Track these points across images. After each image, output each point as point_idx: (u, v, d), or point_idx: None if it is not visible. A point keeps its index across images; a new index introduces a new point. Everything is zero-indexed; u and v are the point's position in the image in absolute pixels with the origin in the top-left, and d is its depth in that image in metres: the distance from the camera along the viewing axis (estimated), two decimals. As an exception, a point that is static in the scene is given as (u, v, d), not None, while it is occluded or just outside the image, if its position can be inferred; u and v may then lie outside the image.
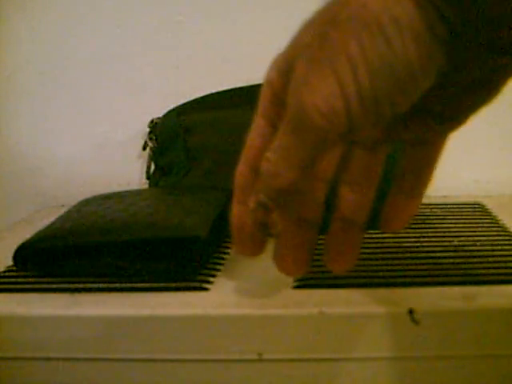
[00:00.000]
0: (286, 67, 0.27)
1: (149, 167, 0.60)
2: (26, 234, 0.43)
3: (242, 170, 0.30)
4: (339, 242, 0.32)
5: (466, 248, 0.43)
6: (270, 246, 0.48)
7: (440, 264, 0.40)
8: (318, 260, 0.42)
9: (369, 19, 0.23)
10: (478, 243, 0.44)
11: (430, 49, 0.23)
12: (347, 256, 0.32)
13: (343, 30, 0.23)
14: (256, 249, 0.31)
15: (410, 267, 0.39)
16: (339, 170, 0.31)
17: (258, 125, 0.29)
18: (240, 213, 0.30)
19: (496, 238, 0.45)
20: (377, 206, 0.49)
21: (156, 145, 0.57)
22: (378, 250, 0.43)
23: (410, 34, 0.23)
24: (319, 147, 0.25)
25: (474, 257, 0.41)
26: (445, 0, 0.22)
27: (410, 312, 0.33)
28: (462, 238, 0.45)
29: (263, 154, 0.28)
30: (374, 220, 0.49)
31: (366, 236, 0.47)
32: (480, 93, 0.27)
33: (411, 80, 0.24)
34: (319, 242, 0.44)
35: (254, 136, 0.30)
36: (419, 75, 0.24)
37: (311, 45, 0.24)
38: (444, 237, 0.46)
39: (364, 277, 0.38)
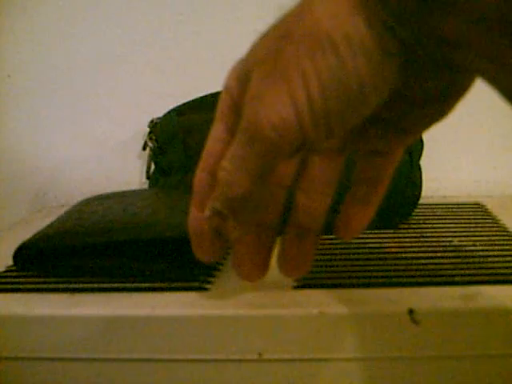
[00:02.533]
0: (244, 77, 0.27)
1: (149, 167, 0.59)
2: (26, 234, 0.43)
3: (200, 175, 0.31)
4: (294, 249, 0.32)
5: (465, 248, 0.43)
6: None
7: (440, 264, 0.40)
8: (318, 260, 0.42)
9: (321, 36, 0.23)
10: (478, 243, 0.44)
11: (381, 66, 0.24)
12: (301, 262, 0.33)
13: (297, 46, 0.24)
14: (214, 254, 0.32)
15: (410, 267, 0.39)
16: (296, 176, 0.31)
17: (217, 130, 0.30)
18: (197, 218, 0.31)
19: (496, 238, 0.45)
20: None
21: (156, 145, 0.57)
22: (378, 250, 0.43)
23: (362, 51, 0.23)
24: (273, 158, 0.26)
25: (474, 257, 0.41)
26: (397, 20, 0.22)
27: (410, 312, 0.33)
28: (462, 238, 0.45)
29: (221, 161, 0.28)
30: (374, 220, 0.49)
31: (365, 236, 0.47)
32: (434, 107, 0.28)
33: (362, 96, 0.24)
34: (320, 242, 0.44)
35: (212, 142, 0.30)
36: (370, 91, 0.24)
37: (266, 59, 0.25)
38: (444, 237, 0.46)
39: (364, 277, 0.38)
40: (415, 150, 0.51)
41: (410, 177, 0.50)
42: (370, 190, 0.33)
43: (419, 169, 0.51)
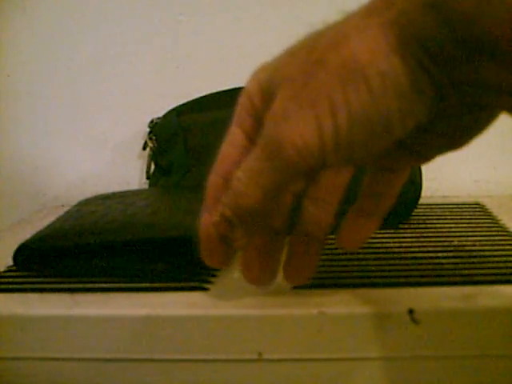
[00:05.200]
0: (268, 86, 0.27)
1: (149, 167, 0.60)
2: (26, 233, 0.43)
3: (214, 179, 0.31)
4: (298, 255, 0.32)
5: (465, 248, 0.43)
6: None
7: (440, 264, 0.40)
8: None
9: (356, 70, 0.23)
10: (478, 243, 0.44)
11: (412, 104, 0.24)
12: (304, 269, 0.32)
13: (331, 74, 0.24)
14: (222, 261, 0.31)
15: (410, 267, 0.39)
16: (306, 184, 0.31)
17: (234, 135, 0.30)
18: (208, 223, 0.30)
19: (496, 237, 0.45)
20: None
21: (156, 145, 0.57)
22: (378, 250, 0.43)
23: (394, 89, 0.23)
24: (290, 177, 0.26)
25: (474, 257, 0.41)
26: (434, 62, 0.23)
27: (410, 312, 0.33)
28: (462, 238, 0.45)
29: (236, 166, 0.28)
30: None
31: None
32: (455, 139, 0.28)
33: (388, 132, 0.25)
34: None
35: (228, 146, 0.30)
36: (397, 126, 0.25)
37: (296, 79, 0.25)
38: (444, 237, 0.46)
39: (364, 277, 0.38)
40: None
41: (410, 177, 0.50)
42: (377, 203, 0.32)
43: (419, 169, 0.51)
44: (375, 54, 0.23)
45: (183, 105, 0.58)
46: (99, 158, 0.68)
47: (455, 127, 0.27)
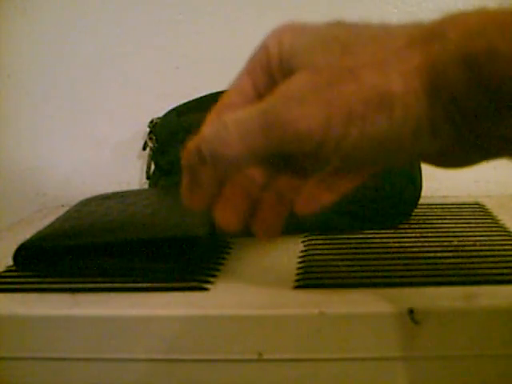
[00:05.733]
0: (289, 58, 0.27)
1: (149, 167, 0.60)
2: (26, 234, 0.43)
3: (211, 119, 0.30)
4: (267, 209, 0.32)
5: (466, 248, 0.43)
6: (266, 246, 0.48)
7: (440, 264, 0.40)
8: (318, 260, 0.42)
9: (385, 96, 0.24)
10: (478, 243, 0.44)
11: (425, 144, 0.25)
12: (274, 225, 0.32)
13: (359, 90, 0.24)
14: (196, 198, 0.30)
15: (410, 267, 0.39)
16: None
17: (242, 82, 0.29)
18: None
19: (496, 238, 0.45)
20: (376, 206, 0.49)
21: (156, 145, 0.57)
22: (378, 250, 0.43)
23: (413, 128, 0.24)
24: (278, 151, 0.27)
25: (474, 257, 0.41)
26: (460, 113, 0.23)
27: (410, 312, 0.33)
28: (462, 238, 0.45)
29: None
30: (374, 220, 0.49)
31: (366, 236, 0.47)
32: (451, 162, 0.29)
33: (392, 157, 0.26)
34: (320, 242, 0.45)
35: (234, 92, 0.30)
36: (402, 156, 0.26)
37: (322, 75, 0.25)
38: (444, 237, 0.46)
39: (364, 277, 0.38)
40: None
41: (410, 177, 0.50)
42: (342, 182, 0.32)
43: (419, 169, 0.51)
44: (408, 89, 0.24)
45: (183, 105, 0.58)
46: (99, 158, 0.68)
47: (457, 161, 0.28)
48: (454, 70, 0.23)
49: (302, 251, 0.45)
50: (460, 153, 0.26)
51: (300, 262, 0.42)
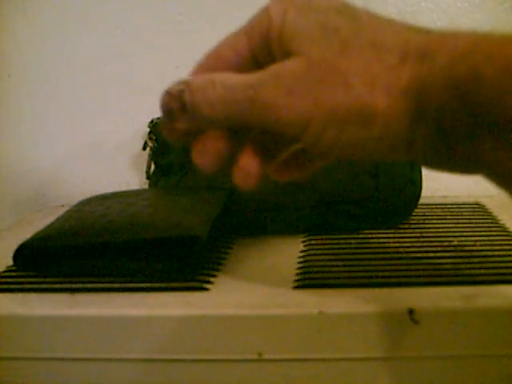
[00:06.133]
0: (290, 37, 0.27)
1: (149, 167, 0.59)
2: (26, 234, 0.43)
3: (198, 69, 0.31)
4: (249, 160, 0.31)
5: (465, 248, 0.43)
6: (266, 246, 0.48)
7: (440, 264, 0.40)
8: (318, 260, 0.42)
9: (368, 111, 0.25)
10: (478, 243, 0.44)
11: (398, 156, 0.26)
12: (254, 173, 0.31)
13: (346, 95, 0.25)
14: (173, 133, 0.31)
15: (410, 267, 0.39)
16: None
17: (237, 39, 0.30)
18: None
19: (496, 237, 0.45)
20: (376, 206, 0.49)
21: (156, 145, 0.57)
22: (378, 250, 0.43)
23: (389, 143, 0.25)
24: (255, 126, 0.28)
25: (474, 257, 0.41)
26: (441, 135, 0.24)
27: (410, 312, 0.33)
28: (462, 238, 0.45)
29: (226, 68, 0.29)
30: (374, 220, 0.49)
31: (365, 236, 0.47)
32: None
33: (364, 159, 0.27)
34: (320, 242, 0.45)
35: (226, 46, 0.30)
36: (374, 158, 0.27)
37: (317, 65, 0.26)
38: (444, 237, 0.46)
39: (364, 277, 0.38)
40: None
41: (410, 177, 0.50)
42: (315, 161, 0.32)
43: (419, 169, 0.51)
44: (391, 110, 0.24)
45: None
46: (99, 158, 0.68)
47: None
48: (440, 95, 0.23)
49: (301, 251, 0.45)
50: (437, 166, 0.27)
51: (300, 262, 0.42)
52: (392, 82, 0.24)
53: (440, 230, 0.48)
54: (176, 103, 0.29)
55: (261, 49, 0.28)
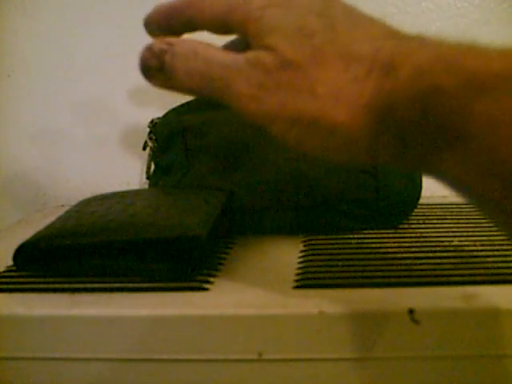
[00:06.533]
0: (269, 25, 0.27)
1: (149, 167, 0.59)
2: (26, 234, 0.43)
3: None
4: None
5: (465, 248, 0.43)
6: (266, 246, 0.48)
7: (440, 264, 0.40)
8: (318, 260, 0.42)
9: (329, 123, 0.25)
10: (478, 243, 0.44)
11: (359, 163, 0.29)
12: None
13: (311, 103, 0.26)
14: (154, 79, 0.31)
15: (410, 267, 0.39)
16: None
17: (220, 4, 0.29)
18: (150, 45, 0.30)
19: (496, 237, 0.45)
20: (376, 206, 0.49)
21: (156, 145, 0.57)
22: (378, 250, 0.43)
23: (348, 155, 0.26)
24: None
25: (474, 257, 0.41)
26: (402, 147, 0.25)
27: (410, 312, 0.33)
28: (462, 238, 0.45)
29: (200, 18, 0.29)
30: (374, 220, 0.49)
31: (366, 236, 0.47)
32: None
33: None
34: (320, 242, 0.45)
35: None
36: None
37: (288, 67, 0.26)
38: (444, 237, 0.46)
39: (364, 277, 0.38)
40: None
41: (410, 177, 0.50)
42: None
43: (419, 169, 0.51)
44: (352, 125, 0.25)
45: (183, 105, 0.58)
46: (99, 158, 0.68)
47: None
48: (402, 109, 0.24)
49: (301, 251, 0.45)
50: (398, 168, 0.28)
51: (300, 262, 0.42)
52: (355, 95, 0.25)
53: (440, 229, 0.48)
54: (155, 62, 0.29)
55: (237, 29, 0.29)
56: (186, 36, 0.31)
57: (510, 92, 0.21)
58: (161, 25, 0.31)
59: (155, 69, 0.29)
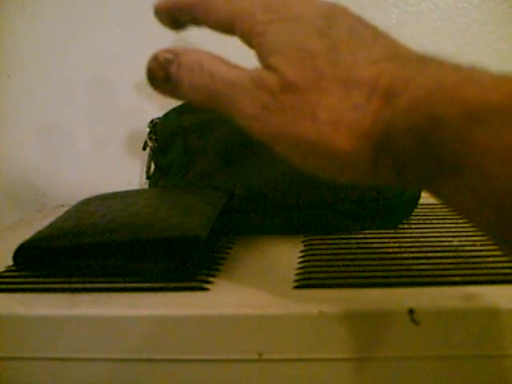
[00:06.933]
0: (271, 45, 0.27)
1: (149, 167, 0.59)
2: (26, 234, 0.43)
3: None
4: None
5: (465, 248, 0.43)
6: (266, 246, 0.48)
7: (440, 264, 0.40)
8: (318, 260, 0.42)
9: (329, 149, 0.26)
10: (478, 243, 0.44)
11: (359, 183, 0.28)
12: None
13: (312, 128, 0.26)
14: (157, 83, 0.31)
15: (410, 267, 0.39)
16: None
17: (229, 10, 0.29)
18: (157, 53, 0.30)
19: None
20: (376, 206, 0.49)
21: (156, 145, 0.57)
22: (378, 250, 0.43)
23: (349, 178, 0.27)
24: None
25: (474, 257, 0.41)
26: (402, 175, 0.25)
27: (410, 312, 0.33)
28: (462, 238, 0.45)
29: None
30: (374, 220, 0.49)
31: (366, 236, 0.47)
32: None
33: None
34: (320, 242, 0.45)
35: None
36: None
37: (289, 90, 0.26)
38: (444, 237, 0.46)
39: (364, 277, 0.38)
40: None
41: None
42: None
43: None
44: (352, 149, 0.25)
45: (183, 105, 0.58)
46: (99, 158, 0.68)
47: None
48: (401, 137, 0.24)
49: (301, 251, 0.45)
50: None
51: (300, 262, 0.42)
52: (356, 123, 0.25)
53: (440, 229, 0.48)
54: (161, 73, 0.29)
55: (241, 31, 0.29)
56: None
57: (506, 124, 0.20)
58: (168, 15, 0.32)
59: (161, 79, 0.30)
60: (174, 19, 0.32)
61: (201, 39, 0.65)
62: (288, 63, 0.26)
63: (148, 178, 0.59)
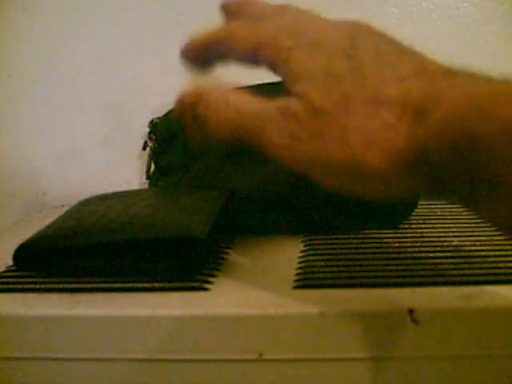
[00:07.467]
0: (295, 71, 0.27)
1: (149, 167, 0.59)
2: (26, 234, 0.43)
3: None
4: None
5: (465, 248, 0.43)
6: (266, 246, 0.48)
7: (440, 264, 0.40)
8: (318, 260, 0.42)
9: (362, 169, 0.25)
10: (478, 243, 0.44)
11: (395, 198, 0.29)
12: None
13: (342, 150, 0.25)
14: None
15: (410, 267, 0.39)
16: None
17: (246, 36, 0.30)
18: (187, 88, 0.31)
19: (496, 237, 0.45)
20: (376, 206, 0.49)
21: (156, 145, 0.57)
22: (378, 250, 0.43)
23: (386, 195, 0.27)
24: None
25: (474, 257, 0.41)
26: (436, 191, 0.25)
27: (410, 312, 0.33)
28: (462, 238, 0.45)
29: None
30: (374, 220, 0.49)
31: (366, 236, 0.47)
32: None
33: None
34: (320, 242, 0.45)
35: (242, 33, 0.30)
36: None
37: (318, 115, 0.26)
38: (444, 237, 0.46)
39: (364, 277, 0.38)
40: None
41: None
42: None
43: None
44: (387, 169, 0.25)
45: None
46: (99, 158, 0.68)
47: None
48: (436, 154, 0.23)
49: (301, 251, 0.45)
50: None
51: (300, 262, 0.42)
52: (388, 142, 0.25)
53: (440, 229, 0.48)
54: (189, 114, 0.29)
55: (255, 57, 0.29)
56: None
57: None
58: (196, 57, 0.32)
59: (191, 120, 0.30)
60: (201, 60, 0.32)
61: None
62: (314, 88, 0.26)
63: (148, 177, 0.59)
